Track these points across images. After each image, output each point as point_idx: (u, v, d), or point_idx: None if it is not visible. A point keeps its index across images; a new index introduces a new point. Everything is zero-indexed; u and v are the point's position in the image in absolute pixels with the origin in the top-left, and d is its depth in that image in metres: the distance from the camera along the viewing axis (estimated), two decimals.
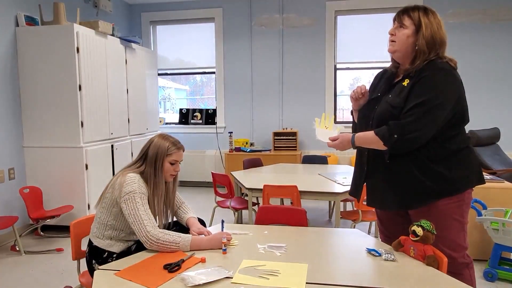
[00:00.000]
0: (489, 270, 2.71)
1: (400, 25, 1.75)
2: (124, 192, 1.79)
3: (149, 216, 1.77)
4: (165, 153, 1.91)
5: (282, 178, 3.47)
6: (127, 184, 1.80)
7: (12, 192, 3.73)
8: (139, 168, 1.92)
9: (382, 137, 1.70)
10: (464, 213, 1.74)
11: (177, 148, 1.95)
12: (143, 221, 1.73)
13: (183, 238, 1.72)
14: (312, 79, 5.58)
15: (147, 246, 1.72)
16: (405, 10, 1.76)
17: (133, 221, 1.75)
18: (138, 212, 1.75)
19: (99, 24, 4.06)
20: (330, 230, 2.00)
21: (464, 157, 1.72)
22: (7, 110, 3.72)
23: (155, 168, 1.90)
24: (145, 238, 1.71)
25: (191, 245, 1.71)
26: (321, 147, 5.51)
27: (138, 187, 1.81)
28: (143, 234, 1.71)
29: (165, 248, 1.70)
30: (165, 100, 6.70)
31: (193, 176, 5.95)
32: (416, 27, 1.72)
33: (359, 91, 1.91)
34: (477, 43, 5.12)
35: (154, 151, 1.91)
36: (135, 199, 1.78)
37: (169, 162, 1.93)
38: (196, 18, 5.86)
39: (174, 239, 1.71)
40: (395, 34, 1.77)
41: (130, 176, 1.84)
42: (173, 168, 1.95)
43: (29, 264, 3.15)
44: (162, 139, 1.95)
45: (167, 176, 1.95)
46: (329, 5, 5.42)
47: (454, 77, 1.67)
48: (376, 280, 1.41)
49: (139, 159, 1.95)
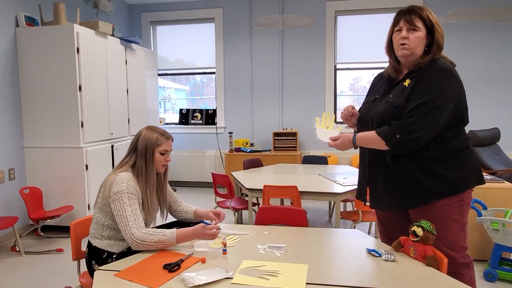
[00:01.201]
0: (489, 271, 2.71)
1: (412, 27, 1.71)
2: (113, 192, 1.80)
3: (136, 217, 1.77)
4: (155, 143, 1.92)
5: (282, 178, 3.47)
6: (116, 183, 1.81)
7: (12, 192, 3.73)
8: (129, 162, 1.92)
9: (384, 137, 1.69)
10: (464, 213, 1.74)
11: (165, 138, 1.96)
12: (128, 222, 1.74)
13: (168, 235, 1.73)
14: (312, 79, 5.59)
15: (133, 247, 1.73)
16: (414, 12, 1.71)
17: (120, 222, 1.77)
18: (124, 213, 1.76)
19: (99, 24, 4.06)
20: (330, 230, 2.00)
21: (464, 157, 1.72)
22: (7, 111, 3.72)
23: (146, 159, 1.91)
24: (130, 240, 1.72)
25: (177, 238, 1.74)
26: (321, 147, 5.51)
27: (127, 187, 1.81)
28: (128, 236, 1.73)
29: (152, 247, 1.72)
30: (165, 100, 6.70)
31: (193, 177, 5.95)
32: (427, 28, 1.70)
33: (347, 113, 1.91)
34: (477, 43, 5.12)
35: (143, 143, 1.92)
36: (122, 199, 1.78)
37: (159, 152, 1.93)
38: (196, 18, 5.86)
39: (159, 239, 1.72)
40: (408, 38, 1.71)
41: (119, 175, 1.84)
42: (164, 158, 1.96)
43: (29, 265, 3.15)
44: (150, 131, 1.96)
45: (158, 167, 1.96)
46: (329, 5, 5.42)
47: (456, 77, 1.67)
48: (376, 280, 1.41)
49: (129, 153, 1.96)
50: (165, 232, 1.75)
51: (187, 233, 1.76)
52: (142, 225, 1.78)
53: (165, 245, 1.73)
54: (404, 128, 1.65)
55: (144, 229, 1.75)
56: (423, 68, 1.68)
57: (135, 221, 1.76)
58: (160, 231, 1.75)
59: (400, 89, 1.74)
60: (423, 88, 1.65)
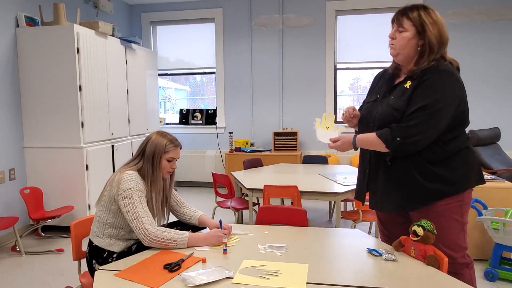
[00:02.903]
0: (490, 270, 2.71)
1: (399, 28, 1.71)
2: (122, 189, 1.80)
3: (147, 214, 1.79)
4: (163, 150, 1.93)
5: (282, 178, 3.47)
6: (125, 181, 1.82)
7: (13, 192, 3.73)
8: (137, 165, 1.93)
9: (385, 140, 1.68)
10: (464, 213, 1.73)
11: (174, 145, 1.97)
12: (141, 219, 1.75)
13: (181, 235, 1.74)
14: (312, 79, 5.58)
15: (145, 243, 1.74)
16: (403, 12, 1.71)
17: (131, 218, 1.77)
18: (136, 210, 1.77)
19: (99, 24, 4.06)
20: (330, 230, 2.00)
21: (464, 157, 1.72)
22: (8, 111, 3.72)
23: (153, 165, 1.92)
24: (143, 236, 1.73)
25: (188, 242, 1.74)
26: (321, 147, 5.51)
27: (136, 184, 1.82)
28: (141, 231, 1.73)
29: (163, 245, 1.72)
30: (165, 100, 6.70)
31: (193, 176, 5.95)
32: (417, 28, 1.68)
33: (349, 116, 1.90)
34: (477, 43, 5.12)
35: (152, 149, 1.93)
36: (133, 196, 1.79)
37: (166, 159, 1.94)
38: (196, 19, 5.86)
39: (172, 237, 1.73)
40: (395, 38, 1.73)
41: (127, 173, 1.85)
42: (170, 165, 1.97)
43: (30, 265, 3.15)
44: (160, 136, 1.96)
45: (164, 173, 1.97)
46: (329, 5, 5.42)
47: (457, 79, 1.65)
48: (377, 280, 1.41)
49: (137, 156, 1.97)
50: (179, 232, 1.76)
51: (199, 239, 1.77)
52: (154, 222, 1.80)
53: (176, 245, 1.73)
54: (405, 131, 1.64)
55: (157, 226, 1.77)
56: (424, 70, 1.66)
57: (147, 217, 1.77)
58: (174, 230, 1.77)
59: (401, 91, 1.73)
60: (424, 91, 1.63)
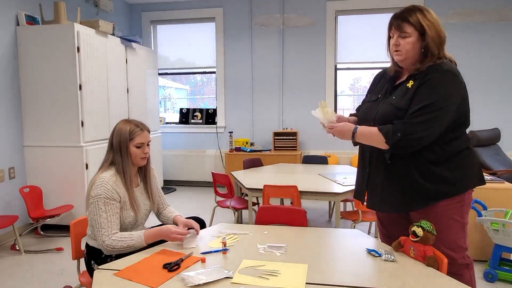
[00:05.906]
0: (489, 271, 2.71)
1: (401, 34, 1.70)
2: (91, 195, 1.80)
3: (110, 224, 1.77)
4: (128, 137, 1.86)
5: (282, 178, 3.47)
6: (95, 186, 1.80)
7: (12, 191, 3.73)
8: (108, 159, 1.89)
9: (385, 134, 1.68)
10: (464, 214, 1.73)
11: (140, 129, 1.89)
12: (101, 230, 1.76)
13: (136, 238, 1.76)
14: (313, 79, 5.58)
15: (105, 252, 1.78)
16: (403, 18, 1.70)
17: (94, 226, 1.78)
18: (99, 219, 1.77)
19: (100, 23, 4.06)
20: (330, 230, 1.99)
21: (464, 158, 1.72)
22: (8, 110, 3.72)
23: (121, 155, 1.86)
24: (101, 246, 1.76)
25: (145, 239, 1.76)
26: (322, 147, 5.52)
27: (105, 190, 1.78)
28: (100, 242, 1.76)
29: (124, 251, 1.74)
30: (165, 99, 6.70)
31: (193, 176, 5.95)
32: (419, 32, 1.67)
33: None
34: (477, 43, 5.11)
35: (117, 138, 1.87)
36: (98, 204, 1.78)
37: (135, 146, 1.87)
38: (197, 18, 5.85)
39: (128, 244, 1.75)
40: (399, 44, 1.71)
41: (100, 177, 1.82)
42: (141, 151, 1.89)
43: (29, 264, 3.15)
44: (124, 124, 1.90)
45: (137, 161, 1.90)
46: (329, 5, 5.41)
47: (459, 79, 1.66)
48: (376, 280, 1.41)
49: (108, 150, 1.92)
50: (133, 237, 1.77)
51: (154, 234, 1.79)
52: (115, 231, 1.78)
53: (136, 247, 1.75)
54: (407, 127, 1.63)
55: (114, 236, 1.76)
56: (427, 70, 1.66)
57: (108, 228, 1.76)
58: (129, 235, 1.77)
59: (403, 91, 1.73)
60: (427, 91, 1.63)
